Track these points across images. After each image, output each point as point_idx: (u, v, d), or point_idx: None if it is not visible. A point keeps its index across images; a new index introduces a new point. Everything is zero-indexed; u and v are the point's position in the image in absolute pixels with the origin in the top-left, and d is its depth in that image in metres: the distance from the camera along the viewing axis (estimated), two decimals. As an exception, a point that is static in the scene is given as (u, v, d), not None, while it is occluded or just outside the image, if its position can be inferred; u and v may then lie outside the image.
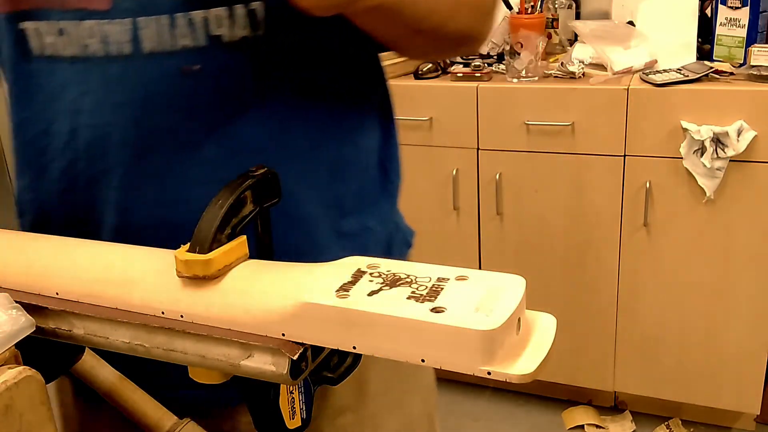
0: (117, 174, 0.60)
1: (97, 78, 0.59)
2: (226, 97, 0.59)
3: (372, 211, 0.70)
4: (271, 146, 0.61)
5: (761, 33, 1.76)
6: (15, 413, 0.39)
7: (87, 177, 0.61)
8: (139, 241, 0.58)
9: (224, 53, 0.58)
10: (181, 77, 0.58)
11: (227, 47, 0.58)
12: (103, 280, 0.49)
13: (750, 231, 1.73)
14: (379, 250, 0.72)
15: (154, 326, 0.46)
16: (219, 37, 0.57)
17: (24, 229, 0.69)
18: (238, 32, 0.58)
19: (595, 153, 1.81)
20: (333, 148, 0.65)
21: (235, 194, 0.47)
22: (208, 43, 0.57)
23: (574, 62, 1.85)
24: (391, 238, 0.74)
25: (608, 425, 2.06)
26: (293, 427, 0.51)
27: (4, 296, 0.46)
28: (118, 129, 0.59)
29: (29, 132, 0.63)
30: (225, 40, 0.58)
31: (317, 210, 0.64)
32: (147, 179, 0.60)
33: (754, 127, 1.63)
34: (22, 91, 0.63)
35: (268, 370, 0.43)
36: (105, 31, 0.57)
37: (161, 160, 0.60)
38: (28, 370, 0.41)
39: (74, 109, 0.60)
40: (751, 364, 1.84)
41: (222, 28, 0.57)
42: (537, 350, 0.39)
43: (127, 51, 0.58)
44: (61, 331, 0.49)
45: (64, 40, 0.59)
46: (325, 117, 0.64)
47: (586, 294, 1.95)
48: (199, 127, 0.59)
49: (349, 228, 0.67)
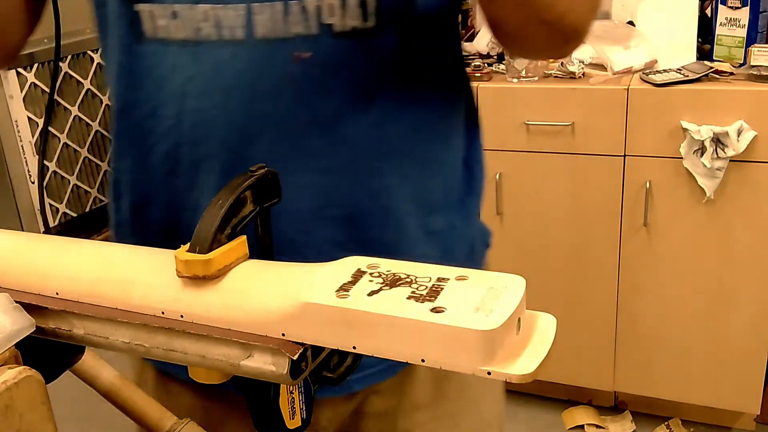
0: (219, 159, 0.61)
1: (207, 62, 0.59)
2: (333, 86, 0.60)
3: (457, 210, 0.71)
4: (370, 139, 0.62)
5: (761, 33, 1.76)
6: (15, 413, 0.39)
7: (189, 161, 0.62)
8: None
9: (334, 42, 0.59)
10: (290, 64, 0.59)
11: (338, 36, 0.59)
12: (103, 280, 0.49)
13: (750, 231, 1.73)
14: (464, 249, 0.73)
15: (154, 326, 0.46)
16: (330, 26, 0.58)
17: (121, 212, 0.70)
18: (349, 22, 0.59)
19: (595, 153, 1.81)
20: (426, 146, 0.66)
21: (235, 194, 0.47)
22: (320, 32, 0.58)
23: (574, 62, 1.85)
24: (474, 238, 0.75)
25: (608, 425, 2.06)
26: (293, 427, 0.51)
27: (4, 296, 0.46)
28: (224, 114, 0.60)
29: (136, 114, 0.64)
30: (336, 29, 0.59)
31: (409, 206, 0.66)
32: (248, 165, 0.61)
33: (754, 127, 1.63)
34: (130, 73, 0.63)
35: (268, 370, 0.43)
36: (219, 16, 0.58)
37: (264, 147, 0.61)
38: (28, 370, 0.41)
39: (182, 92, 0.61)
40: (751, 364, 1.84)
41: (334, 17, 0.58)
42: (537, 350, 0.39)
43: (240, 36, 0.58)
44: (61, 331, 0.49)
45: (176, 24, 0.59)
46: (422, 115, 0.65)
47: (586, 294, 1.95)
48: (303, 115, 0.60)
49: (435, 226, 0.69)
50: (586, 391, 2.12)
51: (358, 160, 0.62)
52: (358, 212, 0.63)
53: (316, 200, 0.62)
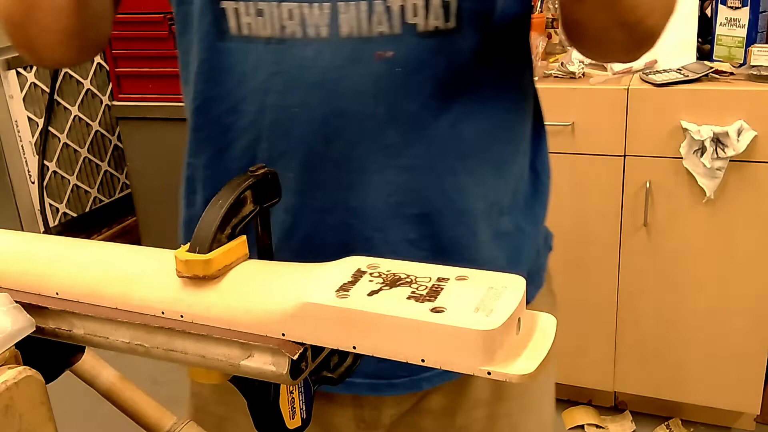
0: (298, 155, 0.62)
1: (291, 59, 0.60)
2: (414, 85, 0.61)
3: (525, 213, 0.72)
4: (447, 139, 0.63)
5: (761, 33, 1.76)
6: (15, 413, 0.39)
7: (267, 157, 0.63)
8: (316, 221, 0.62)
9: (417, 42, 0.60)
10: (373, 63, 0.60)
11: (420, 36, 0.60)
12: (103, 280, 0.49)
13: (750, 231, 1.73)
14: (531, 253, 0.74)
15: (154, 326, 0.46)
16: (414, 26, 0.59)
17: (193, 208, 0.71)
18: (432, 22, 0.60)
19: (595, 153, 1.81)
20: (499, 147, 0.67)
21: (236, 194, 0.47)
22: (403, 32, 0.59)
23: (574, 62, 1.85)
24: (539, 241, 0.76)
25: (608, 425, 2.06)
26: (293, 427, 0.51)
27: (4, 296, 0.46)
28: (305, 110, 0.61)
29: (216, 109, 0.65)
30: (419, 29, 0.60)
31: (481, 206, 0.66)
32: (327, 162, 0.62)
33: (754, 127, 1.63)
34: (213, 69, 0.64)
35: (268, 370, 0.43)
36: (304, 14, 0.59)
37: (343, 144, 0.61)
38: (28, 370, 0.41)
39: (263, 88, 0.62)
40: (751, 364, 1.84)
41: (417, 17, 0.59)
42: (537, 350, 0.39)
43: (325, 35, 0.60)
44: (61, 331, 0.49)
45: (261, 21, 0.60)
46: (497, 116, 0.66)
47: (586, 294, 1.95)
48: (384, 113, 0.61)
49: (504, 227, 0.70)
50: (586, 391, 2.12)
51: (435, 159, 0.63)
52: (432, 211, 0.64)
53: (393, 198, 0.63)
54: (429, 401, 0.74)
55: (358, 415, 0.73)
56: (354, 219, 0.62)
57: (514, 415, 0.76)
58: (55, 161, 2.85)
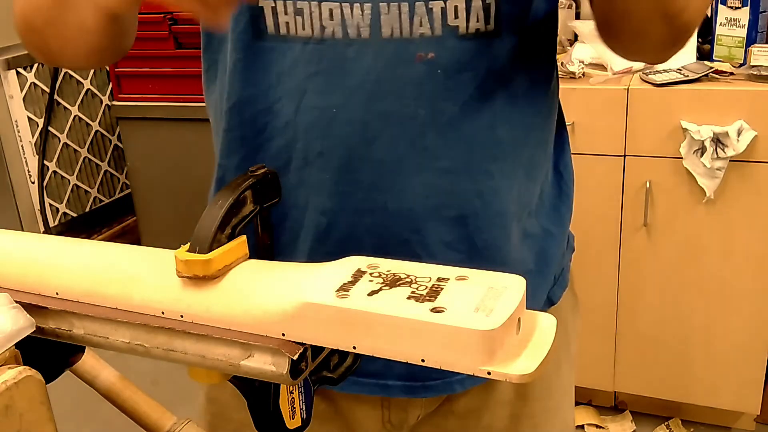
0: (335, 156, 0.62)
1: (330, 60, 0.60)
2: (454, 87, 0.61)
3: (551, 215, 0.73)
4: (484, 141, 0.63)
5: (761, 33, 1.76)
6: (15, 413, 0.39)
7: (303, 158, 0.63)
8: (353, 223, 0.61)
9: (457, 44, 0.60)
10: (413, 65, 0.59)
11: (461, 38, 0.60)
12: (103, 280, 0.49)
13: (750, 231, 1.73)
14: (557, 254, 0.74)
15: (154, 326, 0.46)
16: (455, 28, 0.59)
17: None
18: (472, 25, 0.60)
19: (595, 153, 1.80)
20: (531, 149, 0.68)
21: (235, 194, 0.47)
22: (444, 33, 0.59)
23: (574, 62, 1.85)
24: (564, 243, 0.76)
25: (608, 425, 2.06)
26: (293, 427, 0.51)
27: (4, 296, 0.46)
28: (344, 112, 0.60)
29: (251, 110, 0.64)
30: (460, 32, 0.60)
31: (513, 207, 0.67)
32: (366, 163, 0.62)
33: (754, 127, 1.63)
34: (248, 69, 0.63)
35: (268, 370, 0.43)
36: (345, 14, 0.59)
37: (382, 146, 0.61)
38: (28, 370, 0.41)
39: (302, 89, 0.61)
40: (751, 364, 1.84)
41: (458, 20, 0.59)
42: (537, 350, 0.39)
43: (365, 35, 0.59)
44: (61, 331, 0.49)
45: (300, 21, 0.60)
46: (529, 118, 0.67)
47: (586, 294, 1.95)
48: (424, 115, 0.61)
49: (532, 229, 0.70)
50: (586, 391, 2.12)
51: (472, 161, 0.63)
52: (469, 213, 0.64)
53: (431, 200, 0.63)
54: (455, 403, 0.74)
55: (385, 415, 0.73)
56: (391, 221, 0.61)
57: (537, 416, 0.76)
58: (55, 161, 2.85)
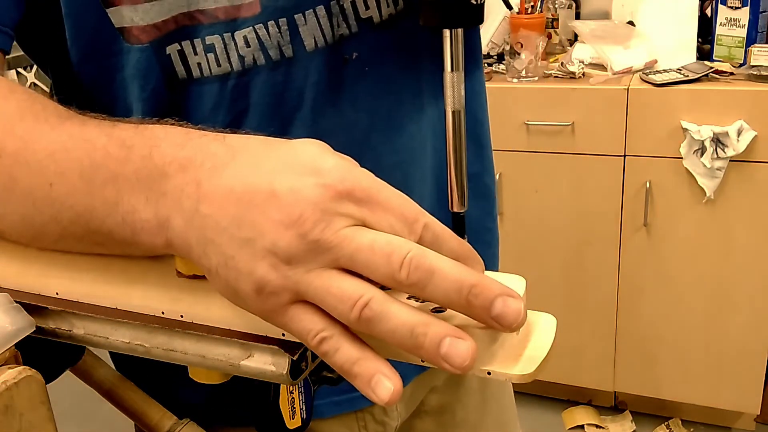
0: None
1: (258, 91, 0.55)
2: (383, 81, 0.59)
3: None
4: (430, 132, 0.63)
5: (761, 33, 1.76)
6: (15, 413, 0.39)
7: None
8: None
9: (376, 36, 0.58)
10: (343, 69, 0.57)
11: (377, 29, 0.58)
12: (103, 280, 0.49)
13: (750, 231, 1.73)
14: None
15: (154, 326, 0.46)
16: (369, 20, 0.57)
17: None
18: (384, 11, 0.58)
19: (595, 153, 1.81)
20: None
21: (235, 194, 0.47)
22: (361, 29, 0.57)
23: (574, 62, 1.85)
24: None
25: (608, 425, 2.06)
26: (293, 427, 0.51)
27: (4, 296, 0.46)
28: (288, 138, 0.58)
29: None
30: (375, 21, 0.58)
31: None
32: None
33: (754, 127, 1.63)
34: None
35: (268, 370, 0.43)
36: (261, 37, 0.54)
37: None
38: (28, 370, 0.40)
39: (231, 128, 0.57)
40: (751, 363, 1.84)
41: (369, 10, 0.57)
42: (537, 350, 0.39)
43: (289, 54, 0.55)
44: (61, 331, 0.49)
45: (213, 58, 0.54)
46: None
47: (586, 294, 1.95)
48: (365, 117, 0.59)
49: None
50: (586, 391, 2.12)
51: (415, 149, 0.63)
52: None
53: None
54: (426, 403, 0.74)
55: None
56: None
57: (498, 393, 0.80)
58: (55, 161, 2.85)
